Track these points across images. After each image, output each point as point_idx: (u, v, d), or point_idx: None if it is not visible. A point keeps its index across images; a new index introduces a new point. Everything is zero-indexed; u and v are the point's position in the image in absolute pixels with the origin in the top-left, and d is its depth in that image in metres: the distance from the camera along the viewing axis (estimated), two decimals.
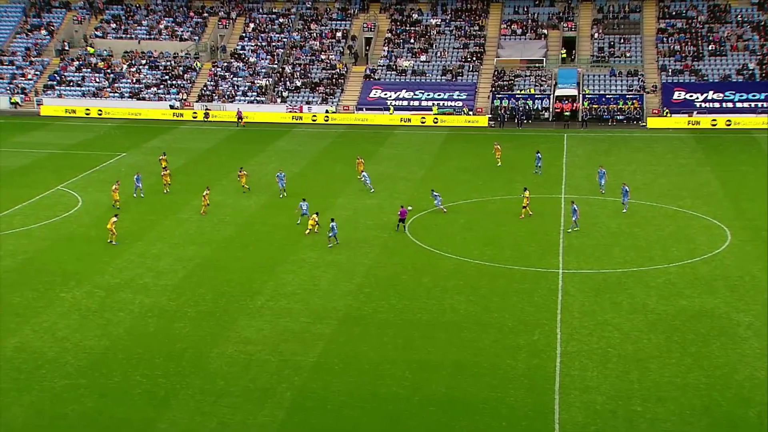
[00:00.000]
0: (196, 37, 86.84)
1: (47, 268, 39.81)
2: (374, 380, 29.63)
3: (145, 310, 35.31)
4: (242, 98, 79.79)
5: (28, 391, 28.64)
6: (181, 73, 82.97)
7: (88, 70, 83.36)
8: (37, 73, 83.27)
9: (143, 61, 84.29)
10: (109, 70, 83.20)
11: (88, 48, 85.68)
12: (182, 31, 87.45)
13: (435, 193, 48.75)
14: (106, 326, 33.71)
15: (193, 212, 48.64)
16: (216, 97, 79.83)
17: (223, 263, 40.92)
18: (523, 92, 77.68)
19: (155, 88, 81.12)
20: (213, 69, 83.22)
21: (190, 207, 49.69)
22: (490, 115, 76.12)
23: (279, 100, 79.70)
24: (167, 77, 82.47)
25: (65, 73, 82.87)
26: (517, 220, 46.52)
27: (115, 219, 43.25)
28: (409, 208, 47.53)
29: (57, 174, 56.22)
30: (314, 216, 44.89)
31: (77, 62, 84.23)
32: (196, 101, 79.71)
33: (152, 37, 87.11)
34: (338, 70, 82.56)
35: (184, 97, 79.95)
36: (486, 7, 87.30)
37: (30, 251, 42.07)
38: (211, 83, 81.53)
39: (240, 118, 75.65)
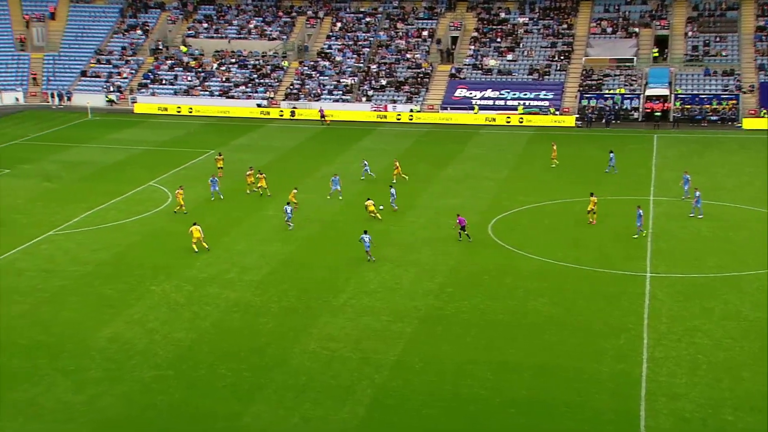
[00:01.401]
0: (285, 37, 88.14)
1: (138, 262, 41.03)
2: (455, 380, 29.53)
3: (230, 305, 36.04)
4: (328, 97, 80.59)
5: (120, 381, 29.57)
6: (268, 72, 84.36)
7: (180, 69, 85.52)
8: (132, 71, 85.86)
9: (233, 60, 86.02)
10: (200, 69, 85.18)
11: (181, 47, 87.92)
12: (271, 31, 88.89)
13: (392, 190, 48.48)
14: (193, 319, 34.56)
15: (278, 209, 49.31)
16: (302, 96, 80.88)
17: (307, 260, 41.38)
18: (612, 92, 76.15)
19: (243, 87, 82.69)
20: (300, 68, 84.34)
21: (276, 204, 50.35)
22: (577, 115, 74.90)
23: (364, 98, 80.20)
24: (255, 76, 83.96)
25: (158, 72, 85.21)
26: (603, 222, 45.60)
27: (197, 228, 41.91)
28: (380, 207, 47.62)
29: (149, 170, 57.86)
30: (370, 201, 46.06)
31: (170, 61, 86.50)
32: (283, 100, 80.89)
33: (242, 36, 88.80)
34: (423, 69, 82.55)
35: (272, 96, 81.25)
36: (575, 6, 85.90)
37: (122, 245, 43.45)
38: (298, 82, 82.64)
39: (323, 116, 76.48)
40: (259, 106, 79.86)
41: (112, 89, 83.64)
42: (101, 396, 28.60)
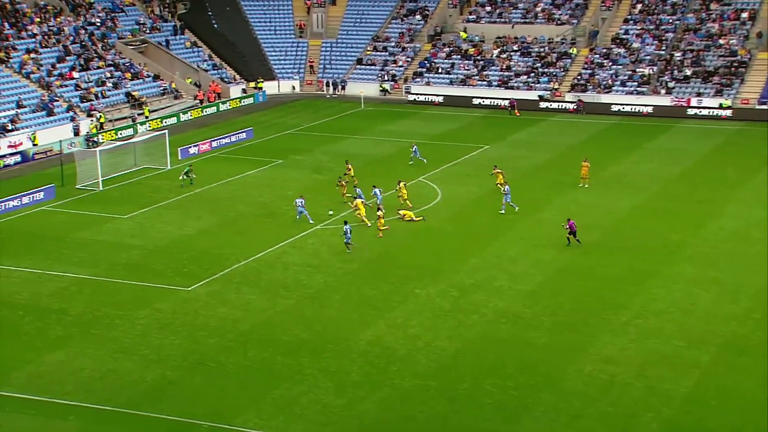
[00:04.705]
0: (575, 21, 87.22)
1: (403, 262, 42.57)
2: (759, 421, 27.79)
3: (498, 315, 36.38)
4: (620, 89, 78.67)
5: (380, 387, 30.88)
6: (554, 60, 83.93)
7: (458, 56, 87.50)
8: (408, 59, 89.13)
9: (515, 47, 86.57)
10: (479, 57, 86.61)
11: (461, 33, 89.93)
12: (560, 14, 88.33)
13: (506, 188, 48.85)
14: (457, 328, 35.29)
15: (555, 212, 49.02)
16: (591, 87, 79.59)
17: (586, 270, 40.82)
18: None
19: (525, 77, 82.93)
20: (590, 56, 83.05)
21: (553, 206, 50.16)
22: None
23: (663, 91, 77.31)
24: (539, 65, 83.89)
25: (435, 60, 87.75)
26: None
27: (362, 202, 47.08)
28: (330, 212, 48.33)
29: (419, 165, 59.75)
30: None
31: (448, 48, 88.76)
32: (568, 91, 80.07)
33: (527, 21, 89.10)
34: (739, 57, 77.93)
35: (555, 87, 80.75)
36: None
37: (388, 243, 45.25)
38: (587, 71, 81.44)
39: (512, 107, 76.24)
40: (540, 97, 79.72)
41: (386, 78, 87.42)
42: (361, 401, 30.04)
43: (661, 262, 41.26)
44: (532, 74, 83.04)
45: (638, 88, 78.13)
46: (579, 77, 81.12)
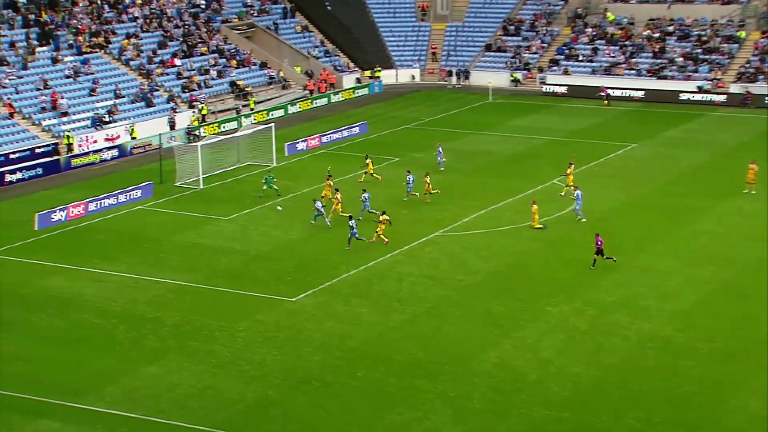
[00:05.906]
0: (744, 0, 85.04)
1: (534, 275, 42.33)
2: None
3: (643, 338, 35.77)
4: None
5: (505, 417, 30.72)
6: (717, 45, 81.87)
7: (602, 41, 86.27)
8: (544, 45, 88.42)
9: (670, 30, 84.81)
10: (627, 42, 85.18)
11: (607, 14, 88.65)
12: None
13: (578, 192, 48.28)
14: (596, 352, 34.84)
15: (714, 223, 48.10)
16: (761, 77, 77.33)
17: (750, 291, 39.86)
18: None
19: (681, 63, 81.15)
20: (761, 40, 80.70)
21: (713, 215, 49.29)
22: None
23: None
24: (699, 50, 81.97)
25: (575, 45, 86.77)
26: None
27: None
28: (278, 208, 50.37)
29: (553, 165, 59.17)
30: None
31: (591, 31, 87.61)
32: (734, 81, 78.08)
33: None
34: None
35: (718, 77, 78.78)
36: None
37: (517, 253, 45.08)
38: (756, 58, 79.16)
39: (607, 95, 76.05)
40: (700, 88, 77.92)
41: (518, 66, 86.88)
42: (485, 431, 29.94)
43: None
44: (690, 61, 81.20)
45: None
46: (747, 65, 78.98)
